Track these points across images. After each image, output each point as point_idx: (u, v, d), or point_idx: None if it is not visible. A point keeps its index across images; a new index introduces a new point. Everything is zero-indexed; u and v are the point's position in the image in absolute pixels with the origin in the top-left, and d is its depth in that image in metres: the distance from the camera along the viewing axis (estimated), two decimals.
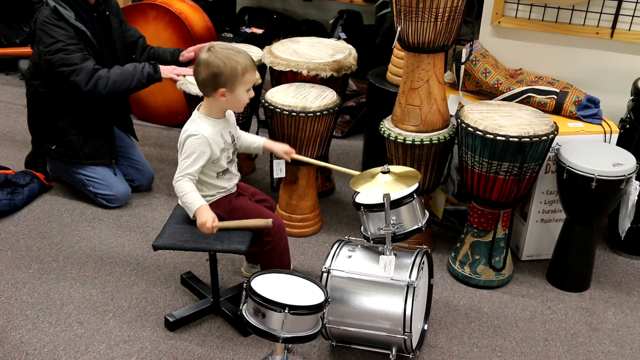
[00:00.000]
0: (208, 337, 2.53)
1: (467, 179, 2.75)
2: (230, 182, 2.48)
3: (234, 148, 2.47)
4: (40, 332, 2.52)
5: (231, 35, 4.75)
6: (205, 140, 2.30)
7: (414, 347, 2.35)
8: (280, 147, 2.63)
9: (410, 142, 2.73)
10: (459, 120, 2.66)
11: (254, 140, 2.62)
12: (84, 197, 3.40)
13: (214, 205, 2.39)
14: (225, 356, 2.44)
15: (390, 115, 2.89)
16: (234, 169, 2.48)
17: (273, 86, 3.18)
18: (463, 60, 2.94)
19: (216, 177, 2.41)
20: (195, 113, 2.38)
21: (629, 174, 2.59)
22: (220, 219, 2.32)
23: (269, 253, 2.50)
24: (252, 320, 2.00)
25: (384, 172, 2.26)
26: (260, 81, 3.24)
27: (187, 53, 3.32)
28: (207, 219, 2.26)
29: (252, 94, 2.35)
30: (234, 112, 2.49)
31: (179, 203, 2.49)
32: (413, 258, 2.34)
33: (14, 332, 2.52)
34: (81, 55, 3.01)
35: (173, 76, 3.11)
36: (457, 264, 2.88)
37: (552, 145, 2.69)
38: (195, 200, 2.30)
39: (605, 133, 2.85)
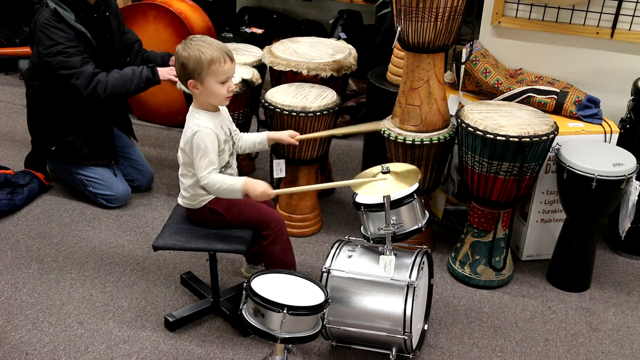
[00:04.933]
0: (208, 337, 2.52)
1: (467, 179, 2.75)
2: None
3: (233, 140, 2.47)
4: (40, 332, 2.52)
5: (231, 35, 4.75)
6: (211, 130, 2.29)
7: (414, 347, 2.35)
8: (284, 133, 2.60)
9: (410, 142, 2.73)
10: (459, 120, 2.65)
11: (257, 136, 2.60)
12: (84, 197, 3.40)
13: (214, 200, 2.39)
14: (225, 356, 2.44)
15: (390, 115, 2.89)
16: (234, 163, 2.48)
17: (273, 86, 3.18)
18: (463, 60, 2.94)
19: (219, 172, 2.40)
20: (191, 108, 2.37)
21: (629, 174, 2.59)
22: (220, 215, 2.32)
23: (269, 247, 2.48)
24: (252, 321, 2.00)
25: (384, 172, 2.26)
26: (260, 81, 3.23)
27: None
28: (264, 187, 2.26)
29: (231, 86, 2.30)
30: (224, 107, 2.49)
31: (179, 202, 2.49)
32: (413, 258, 2.34)
33: (14, 332, 2.51)
34: (81, 59, 3.00)
35: (171, 77, 3.11)
36: (457, 264, 2.88)
37: (552, 145, 2.69)
38: (235, 182, 2.28)
39: (605, 133, 2.84)
